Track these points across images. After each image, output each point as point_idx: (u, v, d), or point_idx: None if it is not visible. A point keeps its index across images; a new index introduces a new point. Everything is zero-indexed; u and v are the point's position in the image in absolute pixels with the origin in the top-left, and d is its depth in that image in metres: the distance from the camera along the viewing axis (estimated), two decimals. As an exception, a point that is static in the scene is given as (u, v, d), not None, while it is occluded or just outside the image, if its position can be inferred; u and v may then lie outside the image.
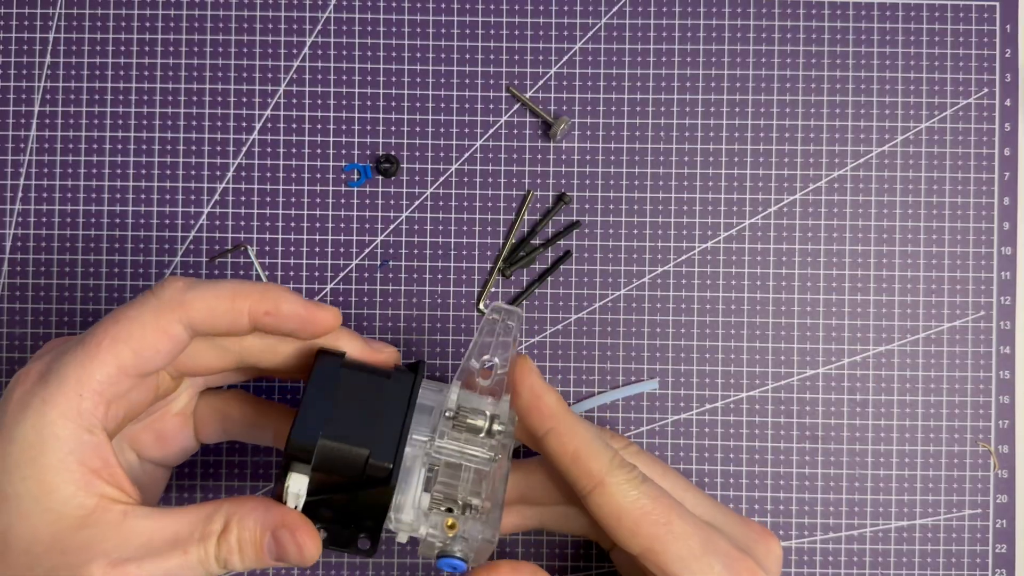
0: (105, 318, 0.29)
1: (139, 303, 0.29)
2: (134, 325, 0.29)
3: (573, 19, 0.41)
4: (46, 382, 0.28)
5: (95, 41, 0.41)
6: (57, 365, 0.28)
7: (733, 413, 0.40)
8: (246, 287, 0.30)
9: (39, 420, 0.27)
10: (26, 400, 0.28)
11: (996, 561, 0.40)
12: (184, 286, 0.30)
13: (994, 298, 0.41)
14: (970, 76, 0.41)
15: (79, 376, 0.28)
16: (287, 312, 0.30)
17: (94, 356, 0.28)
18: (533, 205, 0.41)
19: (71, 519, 0.27)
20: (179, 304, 0.29)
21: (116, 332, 0.29)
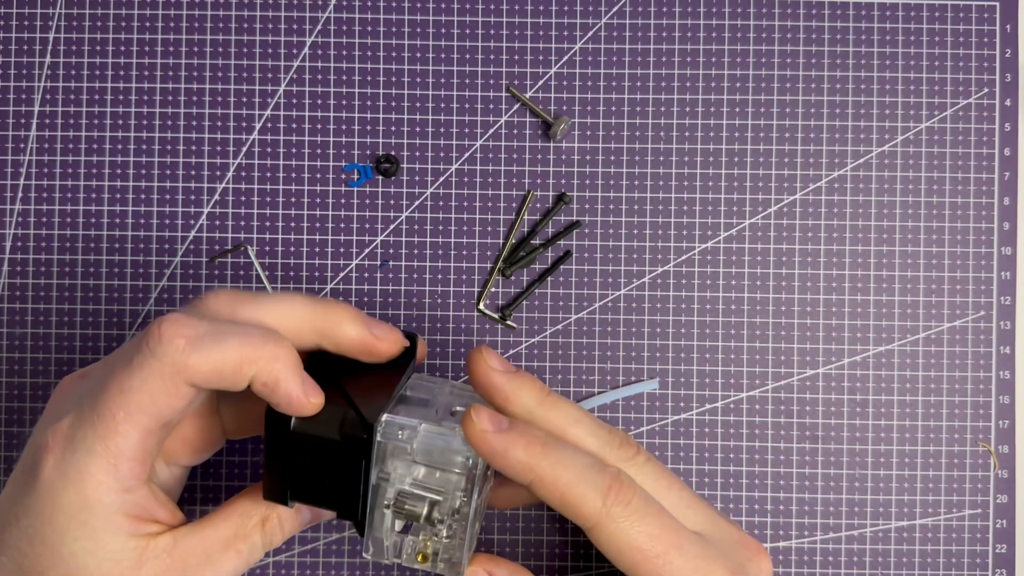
0: (109, 383, 0.28)
1: (140, 368, 0.28)
2: (143, 396, 0.28)
3: (573, 19, 0.41)
4: (74, 451, 0.28)
5: (95, 41, 0.41)
6: (81, 436, 0.28)
7: (733, 413, 0.40)
8: (256, 351, 0.29)
9: (81, 490, 0.28)
10: (63, 470, 0.28)
11: (996, 561, 0.40)
12: (186, 346, 0.28)
13: (994, 298, 0.41)
14: (970, 76, 0.41)
15: (107, 448, 0.28)
16: (282, 395, 0.29)
17: (115, 431, 0.28)
18: (533, 205, 0.41)
19: (129, 562, 0.29)
20: (183, 368, 0.28)
21: (127, 406, 0.28)
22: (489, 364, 0.32)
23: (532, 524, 0.40)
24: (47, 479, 0.28)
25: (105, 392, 0.28)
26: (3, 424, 0.40)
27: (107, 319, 0.40)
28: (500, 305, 0.41)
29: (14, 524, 0.29)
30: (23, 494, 0.29)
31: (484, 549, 0.40)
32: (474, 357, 0.32)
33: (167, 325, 0.28)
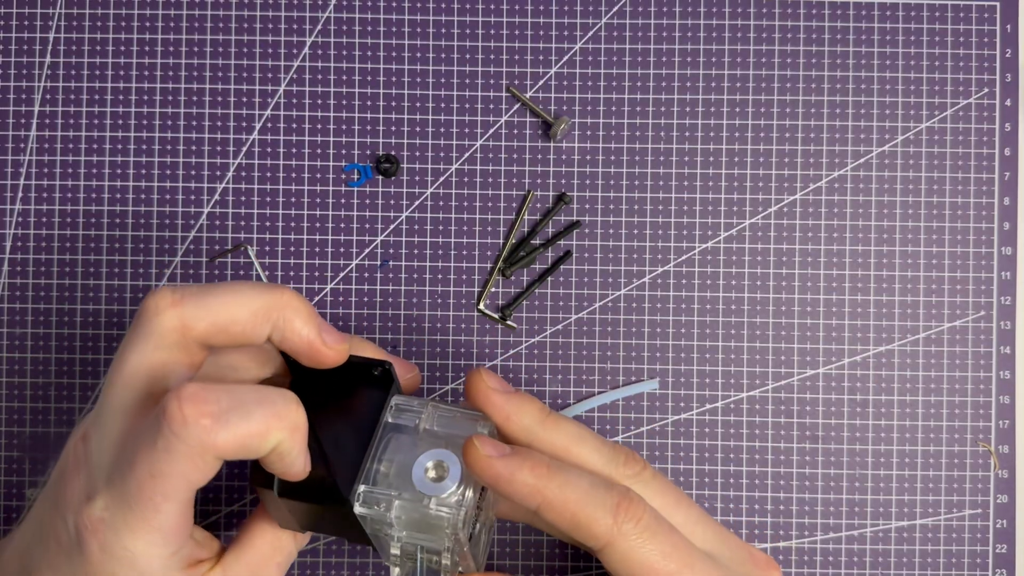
0: (136, 467, 0.27)
1: (167, 452, 0.26)
2: (175, 479, 0.27)
3: (573, 19, 0.41)
4: (119, 534, 0.28)
5: (95, 41, 0.41)
6: (122, 519, 0.27)
7: (733, 413, 0.40)
8: (278, 422, 0.27)
9: (133, 563, 0.28)
10: (111, 551, 0.28)
11: (996, 561, 0.40)
12: (212, 425, 0.26)
13: (994, 298, 0.41)
14: (970, 76, 0.41)
15: (150, 527, 0.28)
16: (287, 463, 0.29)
17: (156, 511, 0.27)
18: (533, 205, 0.41)
19: None
20: (212, 447, 0.26)
21: (159, 488, 0.27)
22: (488, 385, 0.31)
23: (532, 524, 0.40)
24: (97, 560, 0.28)
25: (135, 476, 0.27)
26: (3, 424, 0.40)
27: (107, 319, 0.40)
28: (500, 305, 0.41)
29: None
30: (66, 564, 0.29)
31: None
32: (472, 379, 0.31)
33: (189, 405, 0.26)
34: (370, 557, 0.40)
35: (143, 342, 0.29)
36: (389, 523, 0.29)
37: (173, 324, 0.29)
